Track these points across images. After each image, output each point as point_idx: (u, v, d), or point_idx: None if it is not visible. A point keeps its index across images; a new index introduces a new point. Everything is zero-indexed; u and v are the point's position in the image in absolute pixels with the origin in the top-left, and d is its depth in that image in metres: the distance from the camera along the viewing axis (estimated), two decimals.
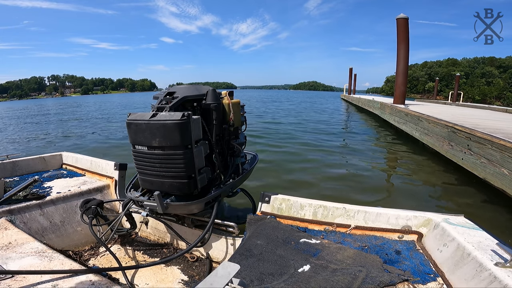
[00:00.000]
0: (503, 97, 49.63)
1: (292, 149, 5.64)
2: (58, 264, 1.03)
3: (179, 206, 1.30)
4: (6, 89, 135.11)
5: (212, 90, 1.41)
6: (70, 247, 1.64)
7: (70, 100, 56.48)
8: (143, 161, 1.28)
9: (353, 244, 1.15)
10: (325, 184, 3.60)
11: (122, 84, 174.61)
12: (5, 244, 1.16)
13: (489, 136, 3.01)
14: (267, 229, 1.26)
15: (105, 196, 1.93)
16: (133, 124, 1.24)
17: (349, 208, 1.27)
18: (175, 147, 1.19)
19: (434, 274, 0.94)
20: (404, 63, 8.76)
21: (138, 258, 1.60)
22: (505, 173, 2.61)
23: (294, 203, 1.38)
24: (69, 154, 2.40)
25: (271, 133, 7.58)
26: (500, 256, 0.83)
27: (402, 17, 8.57)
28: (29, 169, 2.21)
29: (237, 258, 1.06)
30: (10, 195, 1.64)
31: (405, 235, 1.16)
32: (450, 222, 1.05)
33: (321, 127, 9.06)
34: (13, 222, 1.44)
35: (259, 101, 26.04)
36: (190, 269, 1.46)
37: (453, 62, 62.95)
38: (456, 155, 3.74)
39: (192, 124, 1.21)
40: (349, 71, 27.78)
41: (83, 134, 8.23)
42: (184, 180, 1.24)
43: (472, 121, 4.64)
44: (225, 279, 0.65)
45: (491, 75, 52.85)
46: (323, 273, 0.97)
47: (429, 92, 58.24)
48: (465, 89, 49.96)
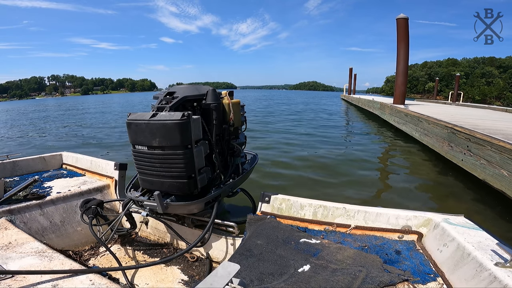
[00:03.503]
0: (503, 97, 49.66)
1: (284, 149, 5.64)
2: (58, 264, 1.03)
3: (179, 206, 1.30)
4: (6, 89, 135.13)
5: (212, 90, 1.41)
6: (70, 247, 1.64)
7: (71, 100, 56.37)
8: (143, 161, 1.28)
9: (353, 244, 1.15)
10: (323, 183, 3.60)
11: (122, 84, 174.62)
12: (5, 244, 1.16)
13: (488, 137, 3.01)
14: (267, 229, 1.26)
15: (105, 196, 1.93)
16: (133, 124, 1.24)
17: (349, 208, 1.27)
18: (175, 147, 1.19)
19: (434, 274, 0.94)
20: (404, 63, 8.77)
21: (138, 258, 1.60)
22: (505, 174, 2.61)
23: (294, 203, 1.38)
24: (69, 154, 2.40)
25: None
26: (500, 256, 0.83)
27: (402, 17, 8.57)
28: (29, 169, 2.21)
29: (237, 258, 1.06)
30: (10, 195, 1.64)
31: (405, 235, 1.16)
32: (450, 222, 1.05)
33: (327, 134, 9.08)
34: (13, 222, 1.44)
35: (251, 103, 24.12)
36: (190, 269, 1.46)
37: (453, 62, 62.99)
38: (456, 156, 3.75)
39: (192, 124, 1.21)
40: (349, 71, 27.79)
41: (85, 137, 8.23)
42: (184, 180, 1.24)
43: (472, 122, 4.64)
44: (225, 279, 0.65)
45: (491, 75, 52.87)
46: (323, 273, 0.97)
47: (429, 92, 58.26)
48: (465, 89, 49.99)
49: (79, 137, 7.72)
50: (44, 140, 7.54)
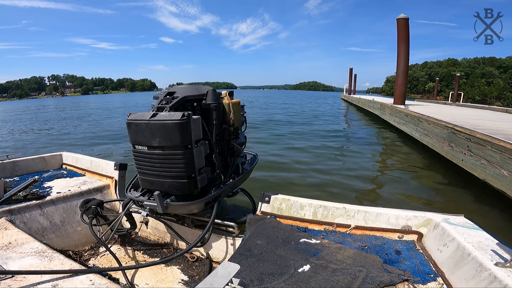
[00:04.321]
0: (503, 97, 49.64)
1: (286, 150, 5.64)
2: (58, 264, 1.03)
3: (179, 206, 1.30)
4: (6, 89, 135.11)
5: (212, 90, 1.41)
6: (70, 247, 1.64)
7: (73, 100, 56.08)
8: (143, 161, 1.28)
9: (353, 244, 1.15)
10: (322, 182, 3.60)
11: (122, 84, 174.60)
12: (5, 244, 1.16)
13: (489, 137, 3.01)
14: (267, 229, 1.26)
15: (105, 196, 1.93)
16: (133, 124, 1.24)
17: (349, 208, 1.27)
18: (175, 147, 1.19)
19: (434, 274, 0.94)
20: (404, 63, 8.77)
21: (138, 258, 1.60)
22: (505, 174, 2.61)
23: (294, 203, 1.38)
24: (69, 154, 2.41)
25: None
26: (500, 256, 0.83)
27: (402, 17, 8.57)
28: (29, 169, 2.21)
29: (237, 258, 1.06)
30: (10, 195, 1.64)
31: (405, 235, 1.16)
32: (450, 222, 1.05)
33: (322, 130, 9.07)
34: (13, 222, 1.44)
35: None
36: (190, 269, 1.46)
37: (453, 62, 62.98)
38: (456, 156, 3.74)
39: (192, 124, 1.21)
40: (349, 71, 27.79)
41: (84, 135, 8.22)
42: (184, 180, 1.24)
43: (472, 122, 4.64)
44: (225, 279, 0.65)
45: (491, 75, 52.86)
46: (323, 273, 0.96)
47: (429, 92, 58.25)
48: (465, 89, 49.97)
49: (79, 137, 7.72)
50: (44, 140, 7.53)
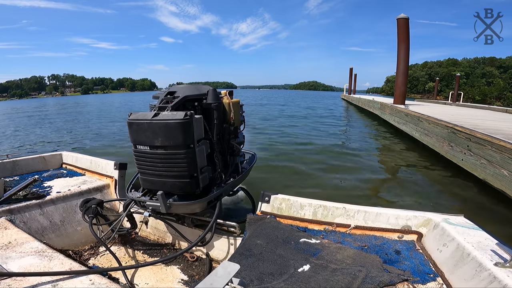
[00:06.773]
0: (503, 97, 49.61)
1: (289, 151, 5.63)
2: (58, 263, 1.03)
3: (182, 206, 1.30)
4: (6, 89, 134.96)
5: (213, 89, 1.41)
6: (70, 246, 1.64)
7: (74, 99, 55.95)
8: (144, 161, 1.27)
9: (353, 244, 1.15)
10: (322, 181, 3.60)
11: (122, 83, 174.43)
12: (5, 244, 1.16)
13: (489, 137, 3.01)
14: (267, 229, 1.26)
15: (105, 196, 1.93)
16: (135, 123, 1.24)
17: (349, 208, 1.27)
18: (178, 146, 1.19)
19: (434, 274, 0.94)
20: (404, 63, 8.77)
21: (138, 257, 1.60)
22: (505, 174, 2.61)
23: (294, 203, 1.38)
24: (69, 154, 2.40)
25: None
26: (499, 256, 0.83)
27: (402, 17, 8.57)
28: (29, 169, 2.21)
29: (237, 258, 1.06)
30: (10, 195, 1.64)
31: (405, 235, 1.16)
32: (450, 222, 1.05)
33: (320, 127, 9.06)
34: (13, 221, 1.44)
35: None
36: (190, 269, 1.46)
37: (453, 62, 62.93)
38: (456, 155, 3.74)
39: (195, 124, 1.21)
40: (349, 71, 27.78)
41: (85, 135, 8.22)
42: (186, 179, 1.24)
43: (472, 122, 4.64)
44: (225, 278, 0.65)
45: (491, 75, 52.82)
46: (323, 273, 0.97)
47: (429, 92, 58.21)
48: (465, 89, 49.93)
49: (79, 137, 7.72)
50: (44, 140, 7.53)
